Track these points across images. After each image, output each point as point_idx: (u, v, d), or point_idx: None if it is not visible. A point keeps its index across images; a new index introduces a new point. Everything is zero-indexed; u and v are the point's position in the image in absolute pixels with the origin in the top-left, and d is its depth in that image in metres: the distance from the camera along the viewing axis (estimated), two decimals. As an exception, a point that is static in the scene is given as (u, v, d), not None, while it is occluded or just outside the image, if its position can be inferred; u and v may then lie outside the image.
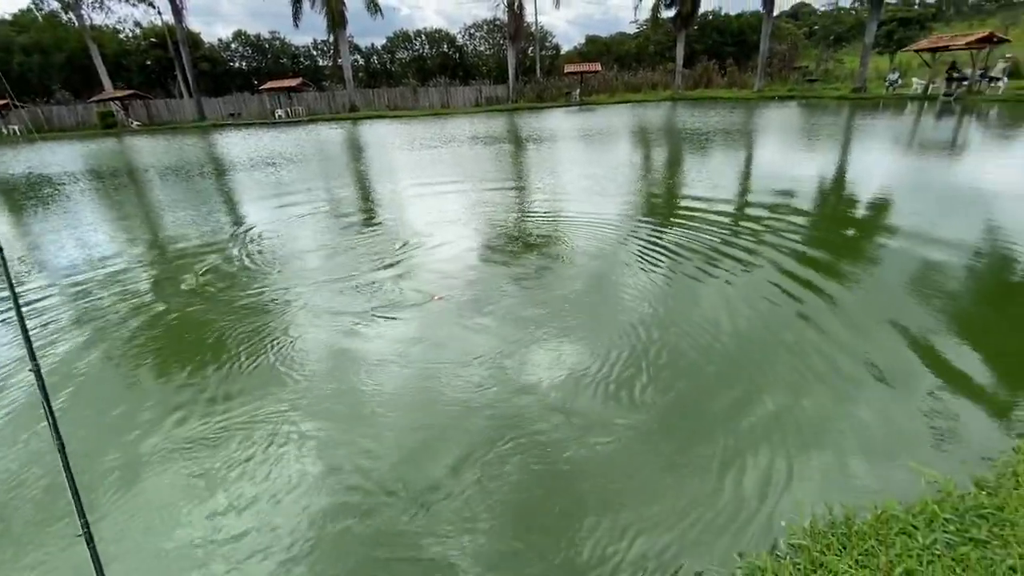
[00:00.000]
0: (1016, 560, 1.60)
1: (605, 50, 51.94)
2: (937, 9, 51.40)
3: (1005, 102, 19.86)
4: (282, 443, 2.54)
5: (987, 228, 5.38)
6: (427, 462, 2.37)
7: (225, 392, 3.03)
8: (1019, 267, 4.40)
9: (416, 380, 3.06)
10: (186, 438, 2.63)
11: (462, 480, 2.25)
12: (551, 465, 2.33)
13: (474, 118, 28.11)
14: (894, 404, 2.64)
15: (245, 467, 2.40)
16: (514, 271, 4.78)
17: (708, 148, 12.52)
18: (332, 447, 2.51)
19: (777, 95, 30.57)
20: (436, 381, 3.03)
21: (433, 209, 7.53)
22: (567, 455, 2.38)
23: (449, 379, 3.04)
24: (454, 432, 2.58)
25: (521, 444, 2.46)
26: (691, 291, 4.19)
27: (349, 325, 3.77)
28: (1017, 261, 4.50)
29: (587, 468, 2.30)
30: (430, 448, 2.47)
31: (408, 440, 2.53)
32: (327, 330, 3.73)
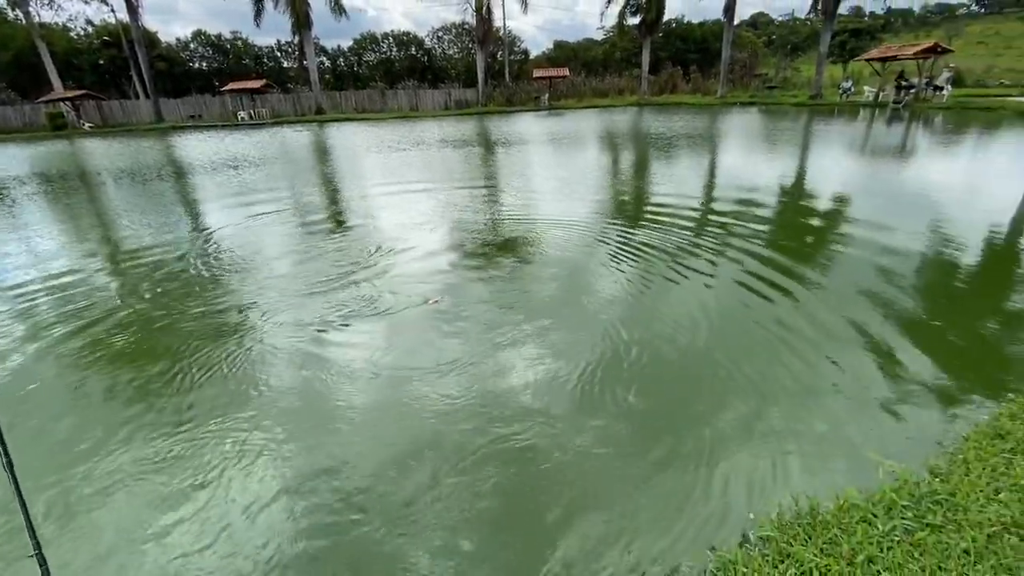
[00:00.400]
0: (969, 543, 1.67)
1: (573, 55, 52.62)
2: (886, 20, 54.12)
3: (949, 109, 21.01)
4: (245, 460, 2.44)
5: (933, 227, 5.67)
6: (401, 475, 2.32)
7: (184, 406, 2.90)
8: (965, 263, 4.64)
9: (388, 389, 3.00)
10: (142, 456, 2.50)
11: (437, 491, 2.21)
12: (525, 468, 2.32)
13: (444, 121, 28.00)
14: (854, 397, 2.73)
15: (206, 484, 2.30)
16: (488, 274, 4.76)
17: (676, 152, 12.81)
18: (298, 462, 2.42)
19: (739, 101, 31.54)
20: (409, 389, 2.97)
21: (404, 213, 7.44)
22: (541, 458, 2.37)
23: (423, 387, 2.98)
24: (428, 441, 2.53)
25: (497, 450, 2.44)
26: (661, 292, 4.26)
27: (316, 333, 3.67)
28: (961, 258, 4.75)
29: (561, 470, 2.30)
30: (403, 460, 2.41)
31: (380, 453, 2.47)
32: (293, 339, 3.61)
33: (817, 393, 2.79)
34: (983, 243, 5.21)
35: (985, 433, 2.27)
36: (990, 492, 1.89)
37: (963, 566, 1.60)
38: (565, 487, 2.20)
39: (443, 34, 52.94)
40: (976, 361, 3.04)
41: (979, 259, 4.80)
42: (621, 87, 41.15)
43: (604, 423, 2.60)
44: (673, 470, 2.27)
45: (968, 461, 2.08)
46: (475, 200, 7.98)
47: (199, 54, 49.36)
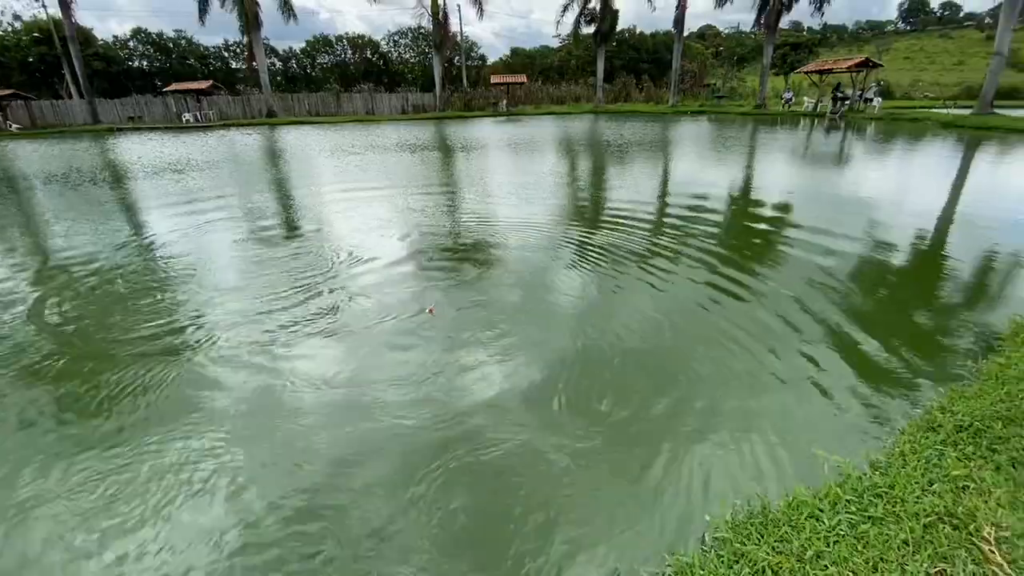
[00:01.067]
0: (907, 534, 1.75)
1: (530, 62, 53.22)
2: (823, 36, 57.43)
3: (880, 120, 22.48)
4: (194, 487, 2.30)
5: (868, 229, 6.02)
6: (365, 496, 2.23)
7: (125, 429, 2.70)
8: (896, 263, 4.94)
9: (348, 406, 2.87)
10: (75, 485, 2.30)
11: (404, 514, 2.14)
12: (481, 479, 2.28)
13: (402, 126, 27.68)
14: (800, 395, 2.84)
15: (154, 512, 2.14)
16: (449, 281, 4.69)
17: (634, 158, 13.12)
18: (253, 488, 2.30)
19: (690, 110, 32.72)
20: (371, 405, 2.87)
21: (362, 219, 7.25)
22: (498, 468, 2.34)
23: (385, 401, 2.89)
24: (393, 458, 2.45)
25: (460, 462, 2.39)
26: (619, 295, 4.32)
27: (270, 348, 3.49)
28: (893, 257, 5.06)
29: (517, 480, 2.27)
30: (367, 479, 2.33)
31: (341, 477, 2.37)
32: (245, 354, 3.42)
33: (766, 393, 2.88)
34: (912, 243, 5.57)
35: (919, 426, 2.40)
36: (925, 484, 1.99)
37: (903, 556, 1.68)
38: (521, 497, 2.17)
39: (399, 38, 52.47)
40: (909, 356, 3.22)
41: (909, 259, 5.12)
42: (577, 95, 41.96)
43: (560, 430, 2.59)
44: (630, 475, 2.28)
45: (905, 454, 2.19)
46: (435, 206, 7.89)
47: (139, 53, 46.93)
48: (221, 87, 37.47)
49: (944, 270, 4.82)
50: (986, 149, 13.50)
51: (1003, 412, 2.39)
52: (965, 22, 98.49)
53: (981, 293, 4.30)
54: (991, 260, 5.01)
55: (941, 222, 6.60)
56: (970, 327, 3.59)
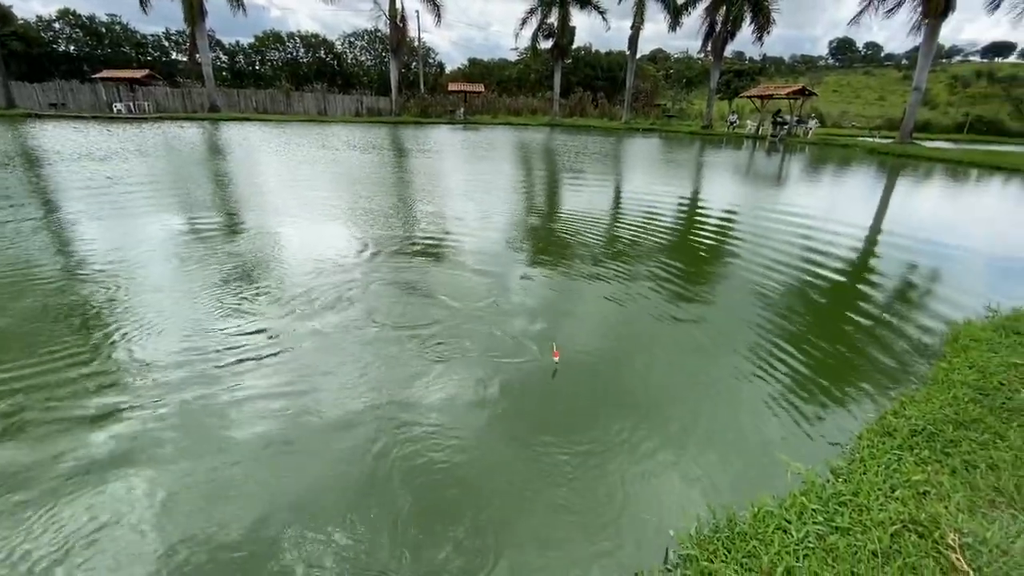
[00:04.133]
0: (876, 544, 1.67)
1: (487, 73, 53.42)
2: (763, 66, 61.17)
3: (815, 144, 23.97)
4: (114, 528, 1.93)
5: (808, 241, 6.23)
6: (310, 529, 1.95)
7: (44, 462, 2.28)
8: (838, 273, 5.09)
9: (291, 432, 2.56)
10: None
11: (352, 545, 1.87)
12: (437, 496, 2.05)
13: (356, 128, 26.91)
14: (757, 404, 2.78)
15: (67, 558, 1.77)
16: (401, 289, 4.42)
17: (589, 170, 13.23)
18: (184, 525, 1.96)
19: (642, 127, 33.74)
20: (314, 430, 2.57)
21: (310, 224, 6.83)
22: (453, 485, 2.12)
23: (331, 424, 2.60)
24: (338, 486, 2.17)
25: (411, 479, 2.14)
26: (572, 305, 4.20)
27: (204, 367, 3.10)
28: (834, 268, 5.22)
29: (473, 499, 2.06)
30: (311, 512, 2.04)
31: (282, 510, 2.07)
32: (176, 372, 3.02)
33: (723, 403, 2.81)
34: (850, 257, 5.80)
35: (875, 431, 2.37)
36: (887, 490, 1.94)
37: (873, 569, 1.58)
38: (471, 515, 1.96)
39: (355, 40, 51.35)
40: (858, 363, 3.25)
41: (848, 271, 5.30)
42: (535, 107, 42.42)
43: (513, 445, 2.40)
44: (588, 490, 2.11)
45: (864, 460, 2.15)
46: (388, 214, 7.56)
47: (66, 36, 43.45)
48: (159, 78, 35.20)
49: (881, 282, 5.01)
50: (908, 174, 14.58)
51: (952, 416, 2.40)
52: (885, 62, 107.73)
53: (917, 302, 4.47)
54: (924, 272, 5.27)
55: (874, 238, 6.95)
56: (912, 335, 3.69)
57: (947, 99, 57.17)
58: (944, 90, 61.56)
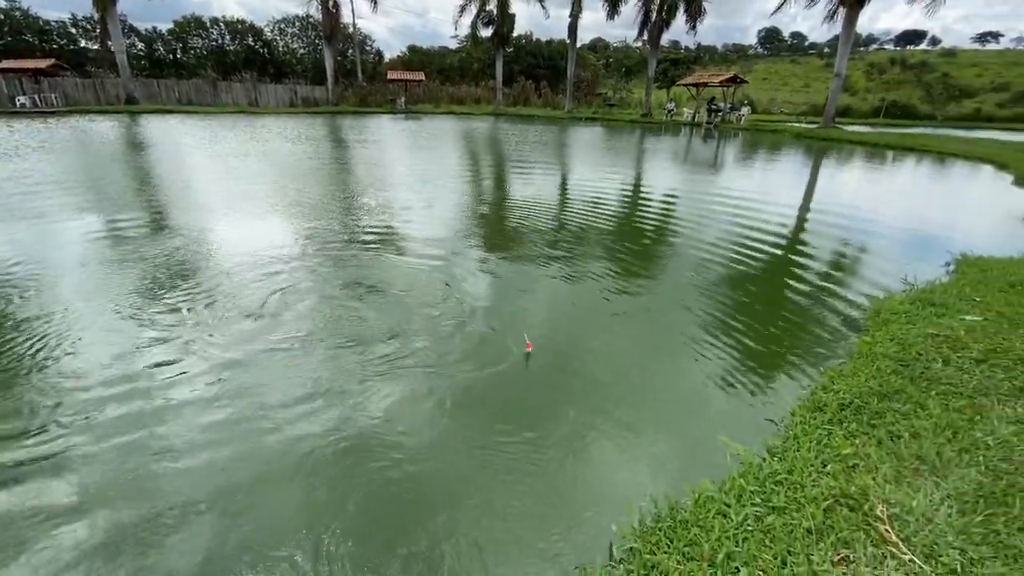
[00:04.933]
0: (810, 521, 1.69)
1: (428, 61, 52.29)
2: (697, 55, 63.21)
3: (747, 130, 25.02)
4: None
5: (741, 223, 6.45)
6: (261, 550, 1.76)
7: None
8: (767, 254, 5.29)
9: (232, 450, 2.33)
10: None
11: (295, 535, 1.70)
12: (383, 499, 1.92)
13: (291, 119, 25.64)
14: (694, 388, 2.82)
15: None
16: (345, 286, 4.19)
17: (535, 159, 13.18)
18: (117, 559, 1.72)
19: (585, 116, 34.09)
20: (259, 447, 2.36)
21: (244, 222, 6.39)
22: (397, 487, 1.99)
23: (275, 440, 2.40)
24: (285, 480, 1.99)
25: (355, 476, 1.99)
26: (524, 292, 4.12)
27: (132, 383, 2.80)
28: (764, 249, 5.42)
29: (418, 499, 1.94)
30: (260, 533, 1.85)
31: (224, 533, 1.87)
32: (100, 389, 2.70)
33: (661, 389, 2.82)
34: (778, 237, 6.05)
35: (807, 407, 2.44)
36: (819, 465, 1.98)
37: (807, 547, 1.60)
38: (410, 514, 1.85)
39: (286, 26, 48.85)
40: (793, 339, 3.37)
41: (777, 251, 5.53)
42: (478, 96, 41.98)
43: (452, 439, 2.30)
44: (529, 487, 2.05)
45: (797, 437, 2.19)
46: (329, 208, 7.20)
47: (-48, 21, 38.87)
48: (67, 68, 32.17)
49: (810, 259, 5.24)
50: (832, 156, 15.48)
51: (876, 388, 2.50)
52: (809, 50, 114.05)
53: (844, 278, 4.70)
54: (849, 249, 5.56)
55: (803, 217, 7.30)
56: (840, 309, 3.86)
57: (865, 85, 61.23)
58: (862, 77, 65.86)
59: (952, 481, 1.88)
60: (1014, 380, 2.55)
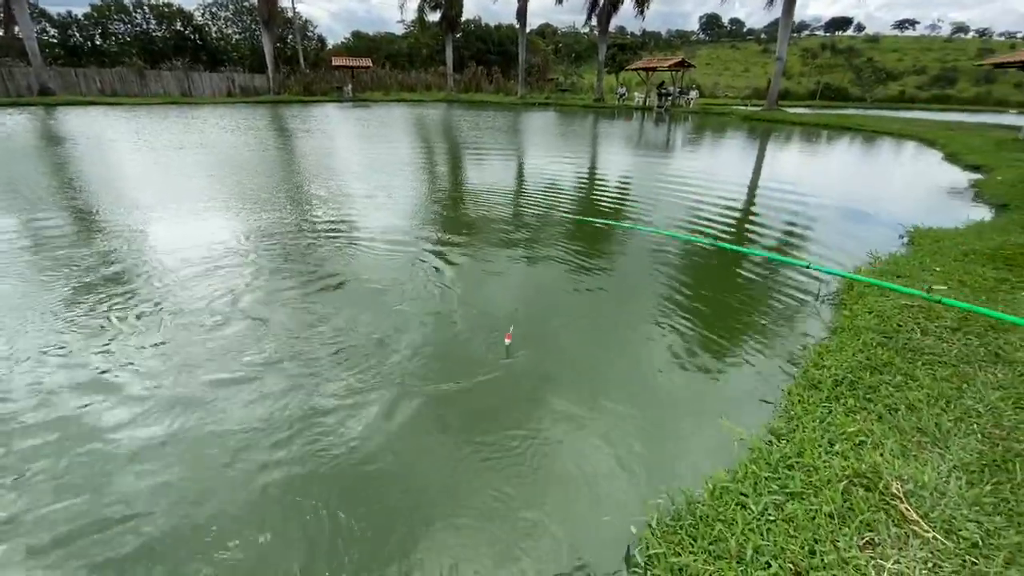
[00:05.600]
0: (830, 505, 1.64)
1: (375, 48, 50.62)
2: (644, 40, 64.20)
3: (696, 113, 25.61)
4: None
5: (698, 204, 6.53)
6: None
7: None
8: (729, 232, 5.35)
9: (177, 471, 2.07)
10: None
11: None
12: (356, 510, 1.73)
13: (229, 109, 24.16)
14: (678, 374, 2.76)
15: None
16: (297, 281, 3.88)
17: (490, 145, 12.93)
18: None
19: (538, 102, 33.95)
20: (204, 462, 2.10)
21: (184, 219, 5.87)
22: (373, 498, 1.81)
23: (221, 455, 2.14)
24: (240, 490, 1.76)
25: (322, 483, 1.79)
26: (481, 285, 3.96)
27: (56, 411, 2.45)
28: (725, 227, 5.49)
29: (397, 508, 1.77)
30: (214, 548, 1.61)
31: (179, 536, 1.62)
32: (27, 410, 2.35)
33: (652, 372, 2.75)
34: (739, 214, 6.14)
35: (802, 385, 2.42)
36: (827, 445, 1.95)
37: (832, 533, 1.55)
38: (397, 526, 1.68)
39: (218, 10, 45.95)
40: (763, 317, 3.37)
41: (738, 229, 5.60)
42: (429, 83, 41.02)
43: (439, 446, 2.14)
44: (538, 491, 1.92)
45: (799, 416, 2.16)
46: (275, 203, 6.75)
47: None
48: (-34, 56, 29.05)
49: (768, 237, 5.33)
50: (780, 136, 16.03)
51: (866, 362, 2.51)
52: (747, 36, 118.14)
53: (805, 253, 4.79)
54: (805, 225, 5.69)
55: (758, 196, 7.47)
56: (804, 285, 3.91)
57: (800, 69, 63.88)
58: (797, 61, 68.68)
59: (955, 451, 1.89)
60: (988, 346, 2.63)
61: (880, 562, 1.45)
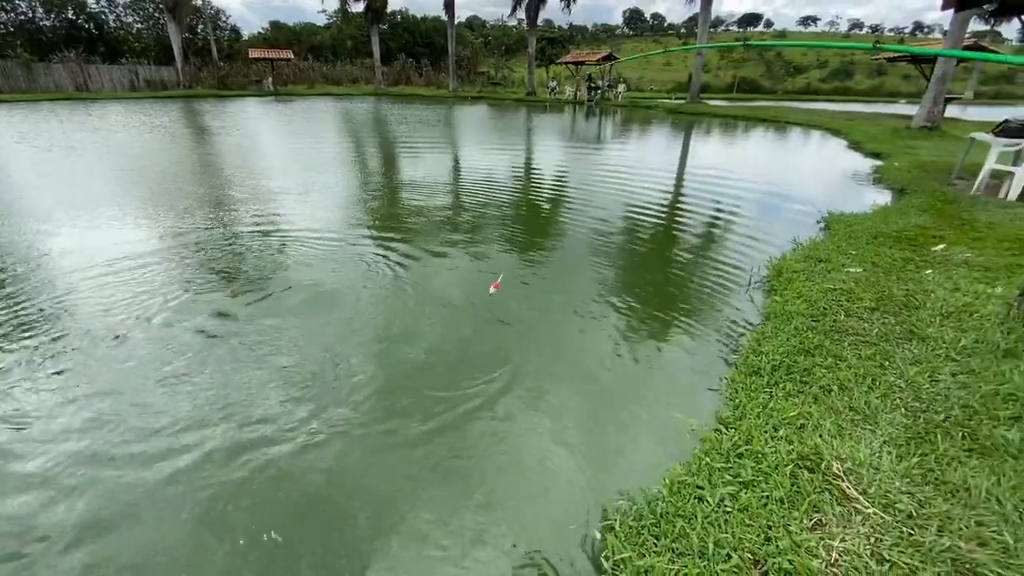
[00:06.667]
0: (780, 490, 1.71)
1: (296, 39, 48.18)
2: (571, 34, 65.23)
3: (625, 106, 26.36)
4: None
5: (628, 195, 6.72)
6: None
7: None
8: (661, 223, 5.54)
9: (105, 504, 1.82)
10: None
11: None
12: (304, 524, 1.60)
13: (134, 105, 22.12)
14: (620, 368, 2.80)
15: None
16: (220, 289, 3.58)
17: (424, 140, 12.64)
18: None
19: (470, 95, 33.68)
20: (126, 486, 1.87)
21: (86, 228, 5.28)
22: (320, 508, 1.69)
23: (144, 472, 1.91)
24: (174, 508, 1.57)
25: (266, 491, 1.64)
26: (420, 285, 3.85)
27: None
28: (658, 219, 5.68)
29: (344, 521, 1.66)
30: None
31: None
32: None
33: (592, 374, 2.77)
34: (668, 203, 6.38)
35: (743, 372, 2.52)
36: (771, 431, 2.03)
37: (783, 518, 1.61)
38: (351, 547, 1.58)
39: (115, -3, 41.88)
40: (700, 305, 3.50)
41: (668, 218, 5.81)
42: (355, 76, 39.62)
43: (385, 440, 2.04)
44: (490, 504, 1.87)
45: (744, 404, 2.24)
46: (194, 205, 6.22)
47: None
48: None
49: (698, 225, 5.56)
50: (703, 127, 16.81)
51: (799, 346, 2.65)
52: (668, 31, 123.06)
53: (733, 240, 5.02)
54: (730, 212, 5.99)
55: (685, 185, 7.79)
56: (733, 272, 4.10)
57: (717, 63, 67.41)
58: (714, 56, 72.38)
59: (884, 427, 2.02)
60: (903, 324, 2.86)
61: (829, 542, 1.52)
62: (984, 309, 2.94)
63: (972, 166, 7.27)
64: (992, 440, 1.91)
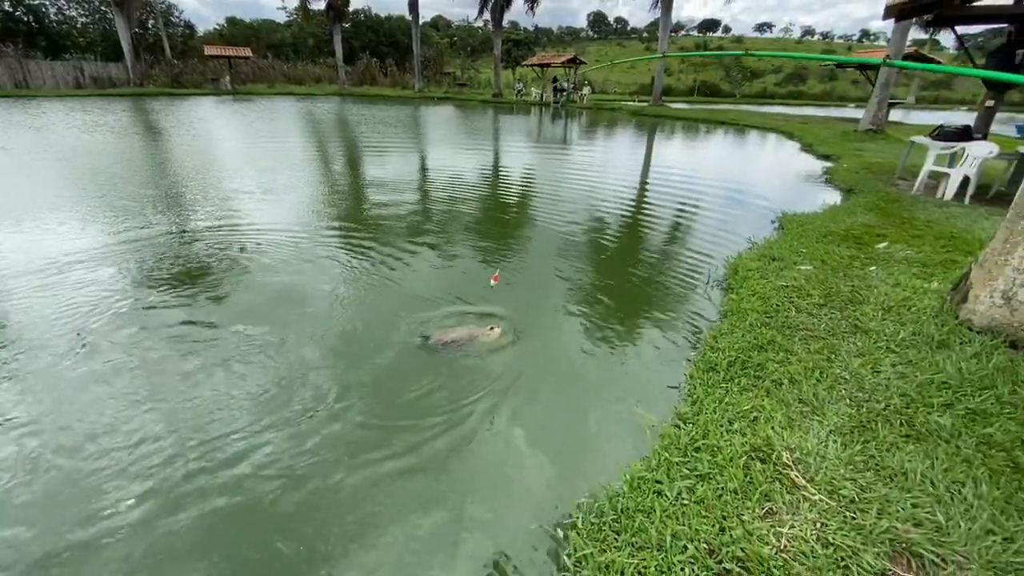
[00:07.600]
0: (734, 482, 1.77)
1: (255, 36, 46.84)
2: (536, 36, 65.67)
3: (590, 108, 26.74)
4: None
5: (592, 196, 6.84)
6: None
7: None
8: (624, 223, 5.66)
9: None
10: None
11: None
12: (266, 538, 1.57)
13: (79, 103, 21.00)
14: (601, 361, 2.86)
15: None
16: (178, 305, 3.45)
17: (392, 141, 12.49)
18: None
19: (436, 96, 33.48)
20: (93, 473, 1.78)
21: (26, 234, 4.99)
22: (280, 519, 1.66)
23: (96, 481, 1.83)
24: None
25: (222, 502, 1.59)
26: (391, 286, 3.82)
27: None
28: (621, 218, 5.80)
29: (301, 528, 1.64)
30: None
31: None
32: None
33: (564, 365, 2.81)
34: (631, 204, 6.52)
35: (701, 368, 2.60)
36: (726, 424, 2.10)
37: (737, 508, 1.68)
38: (319, 554, 1.56)
39: (56, -11, 39.73)
40: (661, 302, 3.60)
41: (631, 218, 5.94)
42: (318, 75, 38.80)
43: (342, 448, 2.02)
44: (457, 504, 1.87)
45: (701, 400, 2.31)
46: (148, 209, 5.97)
47: None
48: None
49: (660, 225, 5.71)
50: (665, 130, 17.21)
51: (753, 342, 2.76)
52: (631, 35, 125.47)
53: (693, 240, 5.18)
54: (691, 213, 6.17)
55: (647, 186, 7.97)
56: (694, 270, 4.23)
57: (679, 67, 69.10)
58: (676, 60, 74.18)
59: (830, 417, 2.13)
60: (848, 319, 3.01)
61: (779, 529, 1.59)
62: (921, 303, 3.12)
63: (913, 167, 7.71)
64: (927, 426, 2.04)
